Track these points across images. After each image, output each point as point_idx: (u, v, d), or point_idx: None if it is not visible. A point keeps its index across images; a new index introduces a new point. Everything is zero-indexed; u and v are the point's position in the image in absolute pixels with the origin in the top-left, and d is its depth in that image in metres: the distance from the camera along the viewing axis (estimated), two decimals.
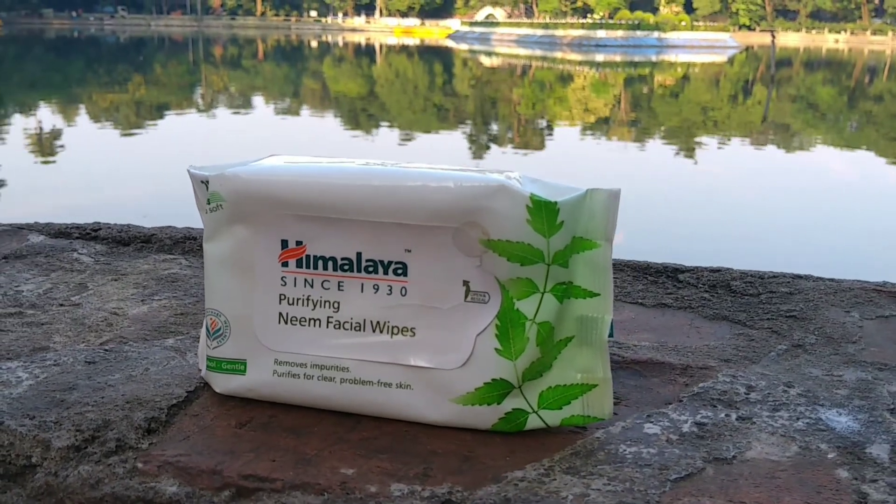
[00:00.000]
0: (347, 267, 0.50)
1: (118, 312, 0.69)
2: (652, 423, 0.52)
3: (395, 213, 0.49)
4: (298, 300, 0.51)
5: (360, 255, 0.50)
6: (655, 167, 8.03)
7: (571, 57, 32.21)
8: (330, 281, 0.51)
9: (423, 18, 71.39)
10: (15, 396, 0.53)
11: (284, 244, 0.51)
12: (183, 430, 0.50)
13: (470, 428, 0.50)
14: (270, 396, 0.53)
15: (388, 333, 0.51)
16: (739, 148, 9.92)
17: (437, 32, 58.33)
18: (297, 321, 0.52)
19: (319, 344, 0.51)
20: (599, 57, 32.49)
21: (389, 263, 0.50)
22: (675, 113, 13.50)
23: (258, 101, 15.18)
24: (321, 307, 0.51)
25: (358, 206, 0.49)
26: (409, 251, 0.49)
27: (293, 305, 0.51)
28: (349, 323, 0.51)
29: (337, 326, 0.51)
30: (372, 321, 0.51)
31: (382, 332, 0.51)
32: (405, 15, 72.94)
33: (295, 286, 0.51)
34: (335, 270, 0.51)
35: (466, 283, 0.49)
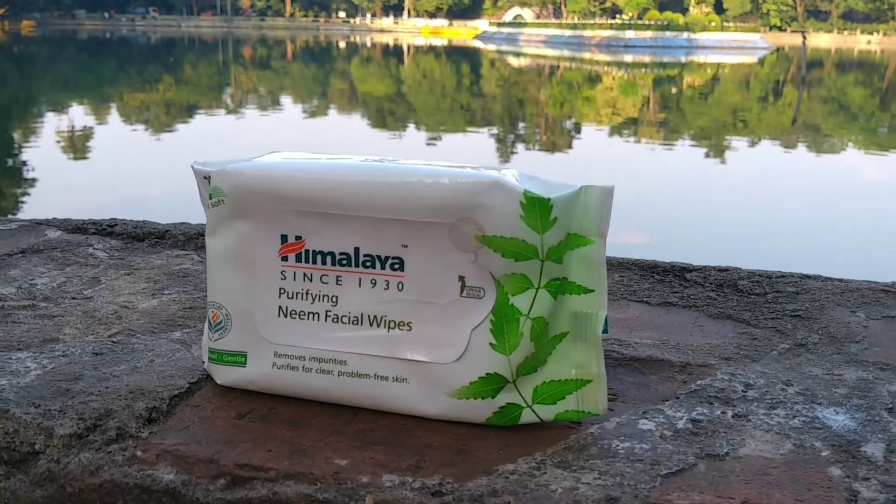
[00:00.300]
0: (346, 262, 0.51)
1: (128, 306, 0.70)
2: (647, 419, 0.52)
3: (391, 208, 0.49)
4: (298, 294, 0.52)
5: (357, 250, 0.51)
6: (680, 169, 7.98)
7: (600, 58, 32.10)
8: (328, 275, 0.52)
9: (451, 19, 71.45)
10: (22, 385, 0.54)
11: (284, 239, 0.52)
12: (183, 420, 0.51)
13: (465, 422, 0.51)
14: (270, 389, 0.54)
15: (385, 327, 0.51)
16: (768, 150, 9.84)
17: (465, 33, 58.38)
18: (296, 315, 0.52)
19: (318, 337, 0.52)
20: (628, 58, 32.35)
21: (386, 258, 0.51)
22: (702, 114, 13.41)
23: (286, 101, 15.28)
24: (320, 301, 0.52)
25: (356, 201, 0.50)
26: (405, 246, 0.50)
27: (293, 299, 0.52)
28: (347, 317, 0.52)
29: (335, 320, 0.52)
30: (369, 315, 0.51)
31: (380, 326, 0.51)
32: (433, 16, 73.04)
33: (294, 280, 0.52)
34: (334, 265, 0.51)
35: (462, 278, 0.50)
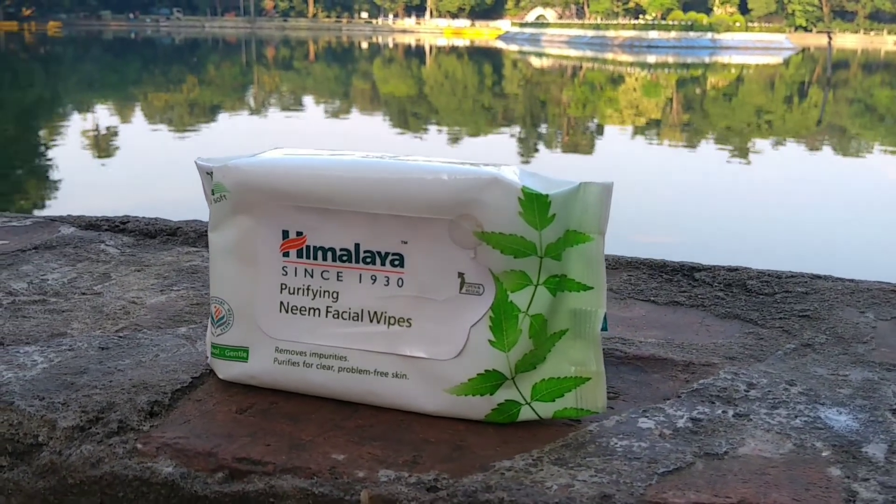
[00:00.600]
0: (346, 257, 0.51)
1: (136, 301, 0.70)
2: (647, 417, 0.52)
3: (391, 204, 0.50)
4: (299, 290, 0.52)
5: (358, 245, 0.51)
6: (703, 169, 7.93)
7: (623, 58, 31.97)
8: (329, 271, 0.52)
9: (473, 19, 71.44)
10: (28, 378, 0.55)
11: (285, 234, 0.52)
12: (185, 414, 0.52)
13: (464, 418, 0.51)
14: (271, 383, 0.54)
15: (384, 323, 0.51)
16: (793, 151, 9.76)
17: (487, 33, 58.35)
18: (297, 310, 0.53)
19: (318, 333, 0.52)
20: (651, 58, 32.20)
21: (387, 254, 0.51)
22: (726, 115, 13.32)
23: (308, 101, 15.34)
24: (321, 297, 0.52)
25: (355, 197, 0.50)
26: (405, 243, 0.50)
27: (294, 295, 0.53)
28: (347, 313, 0.52)
29: (336, 316, 0.52)
30: (369, 311, 0.52)
31: (379, 322, 0.51)
32: (455, 16, 73.07)
33: (295, 276, 0.52)
34: (334, 261, 0.52)
35: (461, 274, 0.50)
